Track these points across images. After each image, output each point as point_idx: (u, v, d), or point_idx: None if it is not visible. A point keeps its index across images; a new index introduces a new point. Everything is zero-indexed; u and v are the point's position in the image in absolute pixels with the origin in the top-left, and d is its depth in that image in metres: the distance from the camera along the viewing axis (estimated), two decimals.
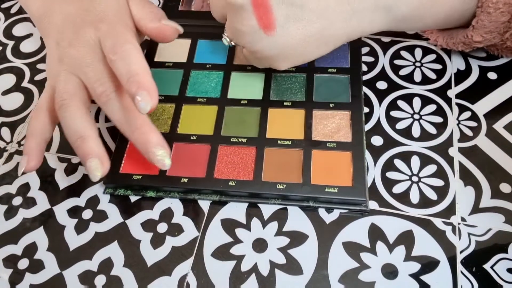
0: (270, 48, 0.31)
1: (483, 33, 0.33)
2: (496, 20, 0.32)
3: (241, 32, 0.31)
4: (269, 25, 0.30)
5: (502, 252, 0.30)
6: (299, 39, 0.31)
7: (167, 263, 0.31)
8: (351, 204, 0.32)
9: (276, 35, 0.30)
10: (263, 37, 0.30)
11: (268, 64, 0.34)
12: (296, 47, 0.31)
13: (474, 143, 0.34)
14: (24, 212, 0.34)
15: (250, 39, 0.31)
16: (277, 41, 0.31)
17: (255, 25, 0.30)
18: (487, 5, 0.31)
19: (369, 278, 0.29)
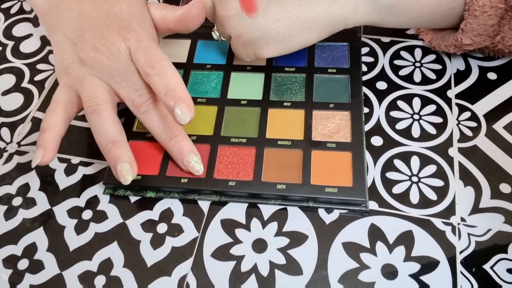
0: (252, 30, 0.32)
1: (472, 36, 0.33)
2: (484, 23, 0.32)
3: (226, 17, 0.33)
4: (251, 7, 0.31)
5: (502, 253, 0.30)
6: (281, 21, 0.32)
7: (167, 264, 0.31)
8: (351, 205, 0.32)
9: (258, 17, 0.32)
10: (245, 19, 0.32)
11: (253, 51, 0.34)
12: (277, 30, 0.32)
13: (474, 143, 0.34)
14: (24, 212, 0.34)
15: (234, 22, 0.32)
16: (259, 23, 0.32)
17: (238, 8, 0.32)
18: (474, 9, 0.31)
19: (369, 279, 0.29)
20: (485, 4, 0.31)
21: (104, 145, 0.32)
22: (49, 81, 0.42)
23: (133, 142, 0.35)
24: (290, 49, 0.34)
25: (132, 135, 0.36)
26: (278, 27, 0.32)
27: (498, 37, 0.34)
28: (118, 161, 0.31)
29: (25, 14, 0.47)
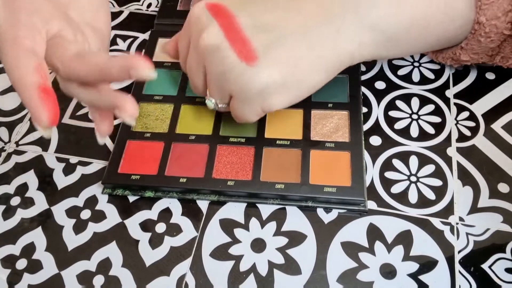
0: (256, 80, 0.28)
1: (470, 54, 0.33)
2: (485, 46, 0.32)
3: (222, 73, 0.29)
4: (250, 56, 0.28)
5: (500, 252, 0.30)
6: (286, 63, 0.28)
7: (166, 263, 0.31)
8: (350, 204, 0.32)
9: (260, 63, 0.28)
10: (247, 69, 0.28)
11: (260, 106, 0.30)
12: (284, 75, 0.28)
13: (472, 143, 0.34)
14: (22, 212, 0.34)
15: (233, 76, 0.28)
16: (263, 71, 0.28)
17: (236, 60, 0.28)
18: (479, 33, 0.31)
19: (367, 278, 0.29)
20: (491, 31, 0.30)
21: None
22: None
23: (131, 142, 0.35)
24: (299, 95, 0.30)
25: (131, 135, 0.36)
26: (284, 72, 0.28)
27: (498, 57, 0.33)
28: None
29: None
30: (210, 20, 0.29)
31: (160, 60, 0.40)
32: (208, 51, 0.29)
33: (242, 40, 0.28)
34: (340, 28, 0.29)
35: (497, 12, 0.29)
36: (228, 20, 0.28)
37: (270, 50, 0.28)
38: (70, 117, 0.39)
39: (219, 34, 0.28)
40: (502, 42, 0.32)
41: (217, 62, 0.29)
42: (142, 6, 0.47)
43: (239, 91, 0.29)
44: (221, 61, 0.28)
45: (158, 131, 0.36)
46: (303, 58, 0.29)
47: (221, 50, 0.28)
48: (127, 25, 0.45)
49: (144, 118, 0.37)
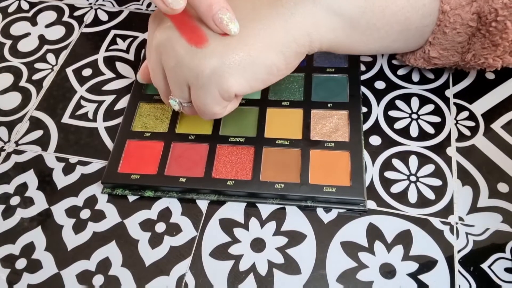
0: (208, 59, 0.28)
1: (439, 50, 0.33)
2: (452, 39, 0.31)
3: (177, 64, 0.28)
4: (200, 39, 0.28)
5: (500, 252, 0.30)
6: (235, 43, 0.28)
7: (165, 263, 0.31)
8: (349, 204, 0.32)
9: (211, 44, 0.28)
10: (197, 52, 0.28)
11: (218, 90, 0.29)
12: (234, 51, 0.28)
13: (472, 142, 0.34)
14: (21, 211, 0.34)
15: (186, 62, 0.28)
16: (214, 49, 0.28)
17: (187, 46, 0.28)
18: (444, 25, 0.30)
19: (367, 278, 0.29)
20: (456, 21, 0.30)
21: None
22: (47, 80, 0.42)
23: (131, 141, 0.35)
24: (257, 77, 0.29)
25: (130, 134, 0.36)
26: (236, 50, 0.28)
27: (469, 55, 0.32)
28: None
29: (23, 13, 0.47)
30: (162, 18, 0.29)
31: None
32: (161, 45, 0.29)
33: (192, 27, 0.28)
34: (291, 8, 0.29)
35: (461, 1, 0.29)
36: (179, 14, 0.28)
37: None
38: (69, 116, 0.39)
39: (170, 27, 0.28)
40: (470, 38, 0.31)
41: (170, 54, 0.29)
42: (142, 5, 0.47)
43: (193, 77, 0.28)
44: (173, 51, 0.28)
45: (158, 131, 0.36)
46: (255, 38, 0.28)
47: (172, 40, 0.28)
48: (127, 25, 0.45)
49: (144, 118, 0.37)
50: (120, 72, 0.41)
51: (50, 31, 0.45)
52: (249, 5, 0.29)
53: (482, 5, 0.29)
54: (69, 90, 0.41)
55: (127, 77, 0.41)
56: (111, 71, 0.42)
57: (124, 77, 0.41)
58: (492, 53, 0.31)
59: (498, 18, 0.29)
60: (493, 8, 0.29)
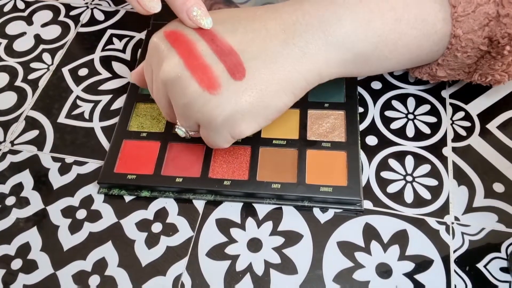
0: (221, 107, 0.27)
1: (447, 70, 0.33)
2: (461, 62, 0.31)
3: (187, 104, 0.28)
4: (212, 84, 0.27)
5: (495, 251, 0.30)
6: (251, 90, 0.27)
7: (162, 263, 0.31)
8: (346, 204, 0.32)
9: (223, 91, 0.27)
10: (210, 98, 0.27)
11: (229, 133, 0.29)
12: (249, 100, 0.28)
13: (468, 143, 0.34)
14: (17, 212, 0.34)
15: (198, 106, 0.28)
16: (227, 98, 0.27)
17: (198, 89, 0.27)
18: (456, 48, 0.30)
19: (363, 278, 0.29)
20: (468, 45, 0.30)
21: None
22: (42, 80, 0.41)
23: (127, 141, 0.35)
24: (268, 119, 0.29)
25: (127, 134, 0.36)
26: (249, 97, 0.27)
27: (476, 75, 0.32)
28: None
29: (18, 12, 0.47)
30: (168, 50, 0.28)
31: None
32: (169, 82, 0.28)
33: (203, 67, 0.27)
34: (303, 48, 0.28)
35: (474, 25, 0.29)
36: (187, 48, 0.28)
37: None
38: (65, 116, 0.39)
39: (179, 63, 0.27)
40: (479, 59, 0.31)
41: (179, 93, 0.28)
42: None
43: (205, 121, 0.28)
44: (183, 92, 0.28)
45: (154, 131, 0.36)
46: (268, 82, 0.28)
47: (182, 80, 0.27)
48: (123, 25, 0.45)
49: (140, 118, 0.37)
50: (117, 72, 0.41)
51: (46, 30, 0.45)
52: (259, 42, 0.28)
53: (494, 29, 0.29)
54: (65, 89, 0.40)
55: (124, 77, 0.41)
56: (107, 71, 0.41)
57: (120, 77, 0.41)
58: (498, 69, 0.31)
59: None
60: (507, 32, 0.28)
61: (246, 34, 0.28)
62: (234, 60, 0.27)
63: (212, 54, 0.28)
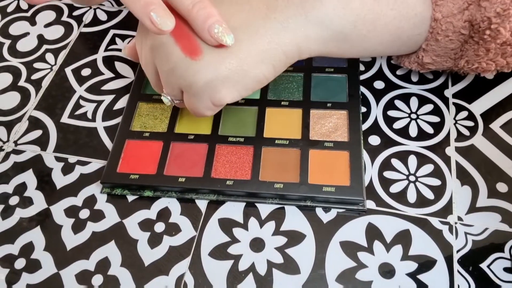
0: (202, 73, 0.28)
1: (433, 56, 0.33)
2: (445, 46, 0.31)
3: (170, 70, 0.29)
4: (194, 51, 0.28)
5: (499, 252, 0.30)
6: (229, 57, 0.28)
7: (165, 263, 0.31)
8: (349, 204, 0.32)
9: (204, 57, 0.28)
10: (192, 64, 0.28)
11: (210, 99, 0.29)
12: (229, 66, 0.28)
13: (471, 142, 0.34)
14: (20, 211, 0.34)
15: (180, 71, 0.29)
16: (208, 63, 0.28)
17: (181, 55, 0.28)
18: (437, 32, 0.30)
19: (366, 278, 0.29)
20: (448, 29, 0.30)
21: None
22: (46, 80, 0.41)
23: (130, 141, 0.35)
24: (248, 89, 0.30)
25: (130, 134, 0.36)
26: (229, 64, 0.28)
27: (462, 61, 0.32)
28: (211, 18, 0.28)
29: (22, 12, 0.47)
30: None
31: None
32: (155, 48, 0.29)
33: (187, 36, 0.28)
34: (284, 22, 0.29)
35: (453, 9, 0.29)
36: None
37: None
38: (69, 116, 0.39)
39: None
40: (463, 44, 0.31)
41: (163, 59, 0.29)
42: None
43: (187, 86, 0.29)
44: (167, 57, 0.29)
45: (157, 131, 0.36)
46: (248, 52, 0.29)
47: (166, 46, 0.29)
48: (126, 25, 0.45)
49: (143, 118, 0.37)
50: (119, 72, 0.41)
51: (49, 30, 0.45)
52: (243, 15, 0.29)
53: (474, 13, 0.29)
54: (68, 89, 0.41)
55: (126, 77, 0.41)
56: (110, 70, 0.42)
57: (123, 77, 0.41)
58: (484, 57, 0.31)
59: (492, 26, 0.29)
60: (486, 16, 0.28)
61: (231, 6, 0.29)
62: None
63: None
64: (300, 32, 0.29)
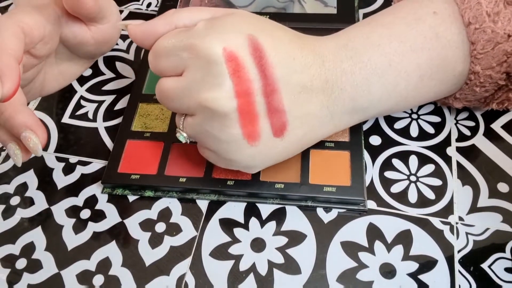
0: (251, 158, 0.28)
1: (464, 101, 0.33)
2: (479, 96, 0.31)
3: (217, 139, 0.27)
4: (254, 135, 0.27)
5: (500, 252, 0.30)
6: (283, 146, 0.28)
7: (165, 263, 0.31)
8: (349, 204, 0.32)
9: (260, 145, 0.27)
10: (246, 147, 0.27)
11: (236, 168, 0.30)
12: (277, 155, 0.29)
13: (472, 142, 0.34)
14: (22, 211, 0.34)
15: (227, 147, 0.27)
16: (260, 151, 0.28)
17: (238, 134, 0.26)
18: (474, 84, 0.30)
19: (367, 278, 0.29)
20: (486, 81, 0.30)
21: None
22: None
23: (131, 142, 0.35)
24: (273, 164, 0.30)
25: (130, 134, 0.36)
26: (278, 152, 0.28)
27: (494, 104, 0.32)
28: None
29: None
30: (224, 77, 0.25)
31: None
32: (211, 111, 0.26)
33: (252, 117, 0.26)
34: (331, 109, 0.29)
35: (492, 62, 0.29)
36: (245, 87, 0.26)
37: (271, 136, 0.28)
38: (69, 116, 0.39)
39: (232, 102, 0.26)
40: (496, 91, 0.31)
41: (216, 127, 0.27)
42: (141, 5, 0.47)
43: (226, 159, 0.28)
44: (222, 128, 0.26)
45: (158, 131, 0.36)
46: (298, 141, 0.29)
47: (228, 119, 0.26)
48: None
49: (144, 118, 0.37)
50: (120, 72, 0.41)
51: None
52: (304, 102, 0.28)
53: None
54: (69, 90, 0.41)
55: (127, 77, 0.41)
56: (111, 71, 0.42)
57: (124, 77, 0.41)
58: None
59: None
60: None
61: (297, 87, 0.27)
62: (281, 121, 0.27)
63: (264, 106, 0.26)
64: (344, 120, 0.30)
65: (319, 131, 0.29)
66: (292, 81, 0.27)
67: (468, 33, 0.28)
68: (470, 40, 0.28)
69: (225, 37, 0.26)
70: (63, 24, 0.31)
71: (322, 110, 0.28)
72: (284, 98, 0.27)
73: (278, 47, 0.27)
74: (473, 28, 0.28)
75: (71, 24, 0.32)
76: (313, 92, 0.28)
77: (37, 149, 0.28)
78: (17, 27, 0.27)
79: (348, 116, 0.30)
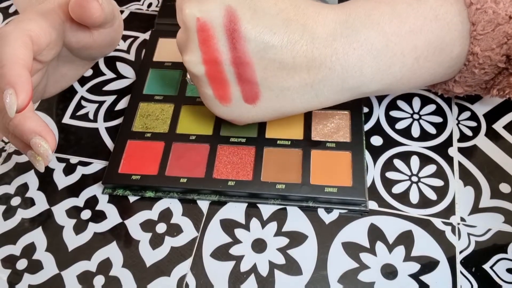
0: (227, 114, 0.31)
1: (464, 86, 0.32)
2: (479, 79, 0.31)
3: (199, 92, 0.31)
4: (224, 98, 0.30)
5: (502, 252, 0.30)
6: (256, 112, 0.31)
7: (166, 264, 0.31)
8: (351, 204, 0.32)
9: (232, 106, 0.30)
10: (219, 106, 0.31)
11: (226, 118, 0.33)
12: (253, 117, 0.31)
13: (474, 143, 0.34)
14: (22, 212, 0.34)
15: (206, 102, 0.32)
16: (234, 111, 0.31)
17: (210, 95, 0.30)
18: (473, 65, 0.29)
19: (368, 279, 0.29)
20: (485, 62, 0.29)
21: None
22: None
23: (132, 142, 0.35)
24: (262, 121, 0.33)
25: (131, 134, 0.36)
26: (252, 116, 0.31)
27: (494, 90, 0.31)
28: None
29: None
30: (195, 46, 0.28)
31: (160, 60, 0.40)
32: (189, 69, 0.30)
33: (222, 82, 0.29)
34: (318, 91, 0.29)
35: (492, 44, 0.28)
36: (213, 57, 0.28)
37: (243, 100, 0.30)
38: (70, 117, 0.39)
39: (201, 68, 0.29)
40: (496, 75, 0.31)
41: (195, 82, 0.31)
42: (142, 6, 0.47)
43: (206, 104, 0.32)
44: (199, 85, 0.31)
45: (159, 131, 0.36)
46: (274, 111, 0.30)
47: (200, 81, 0.30)
48: (128, 25, 0.45)
49: (145, 118, 0.37)
50: (121, 72, 0.41)
51: None
52: (282, 76, 0.28)
53: None
54: (70, 90, 0.40)
55: (128, 78, 0.41)
56: (112, 71, 0.42)
57: (124, 77, 0.41)
58: None
59: None
60: None
61: (274, 62, 0.28)
62: (253, 91, 0.29)
63: (233, 75, 0.29)
64: (331, 99, 0.30)
65: (300, 105, 0.30)
66: (267, 56, 0.28)
67: (469, 13, 0.28)
68: (471, 21, 0.28)
69: (203, 7, 0.27)
70: (67, 29, 0.31)
71: (305, 88, 0.28)
72: (257, 70, 0.28)
73: (256, 21, 0.27)
74: (474, 8, 0.27)
75: (75, 29, 0.32)
76: (295, 69, 0.28)
77: (47, 154, 0.28)
78: (26, 36, 0.28)
79: (336, 95, 0.29)
